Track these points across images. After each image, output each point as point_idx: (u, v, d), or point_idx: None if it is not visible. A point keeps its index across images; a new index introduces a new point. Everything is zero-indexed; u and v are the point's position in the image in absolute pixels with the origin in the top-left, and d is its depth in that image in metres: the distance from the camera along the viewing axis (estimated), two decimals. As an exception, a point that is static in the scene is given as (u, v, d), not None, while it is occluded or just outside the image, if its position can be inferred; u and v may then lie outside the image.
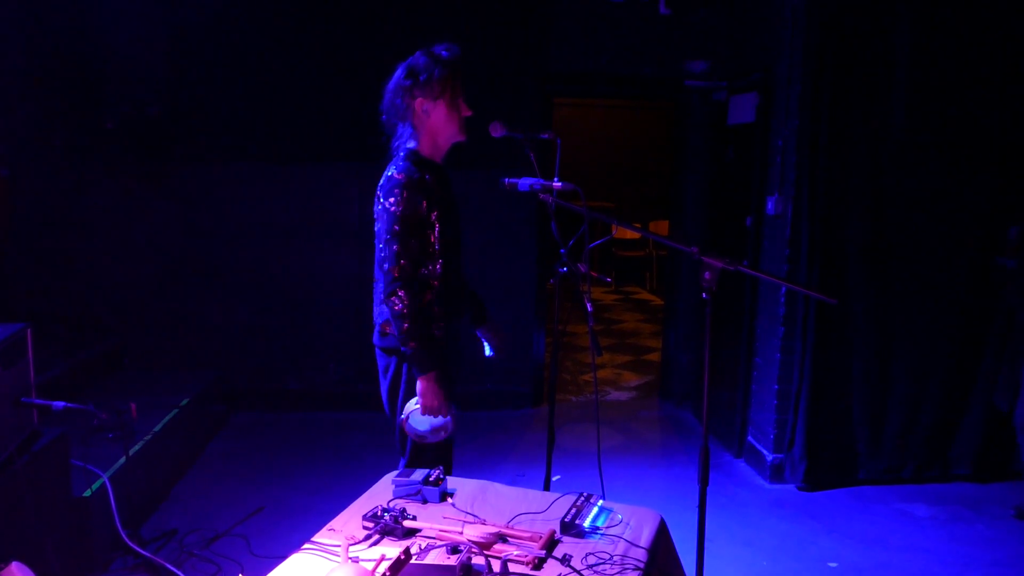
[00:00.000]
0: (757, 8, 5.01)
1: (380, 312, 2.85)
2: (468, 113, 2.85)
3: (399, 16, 5.41)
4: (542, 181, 2.75)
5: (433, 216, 2.76)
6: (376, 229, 2.77)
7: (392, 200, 2.70)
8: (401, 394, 2.85)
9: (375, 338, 2.90)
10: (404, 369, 2.84)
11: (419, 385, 2.73)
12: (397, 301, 2.68)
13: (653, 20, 5.62)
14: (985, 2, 4.34)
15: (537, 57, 5.60)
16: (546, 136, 2.84)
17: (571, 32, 5.62)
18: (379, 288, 2.80)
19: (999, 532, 4.12)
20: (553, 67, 5.65)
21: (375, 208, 2.77)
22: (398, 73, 2.83)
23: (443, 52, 2.79)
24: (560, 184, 2.72)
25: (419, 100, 2.78)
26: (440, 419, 2.76)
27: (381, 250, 2.73)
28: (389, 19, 5.41)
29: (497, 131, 2.81)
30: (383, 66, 2.89)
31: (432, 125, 2.82)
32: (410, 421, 2.77)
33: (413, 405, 2.76)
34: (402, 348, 2.73)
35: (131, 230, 5.54)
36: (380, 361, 2.93)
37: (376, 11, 5.43)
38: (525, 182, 2.78)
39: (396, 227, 2.69)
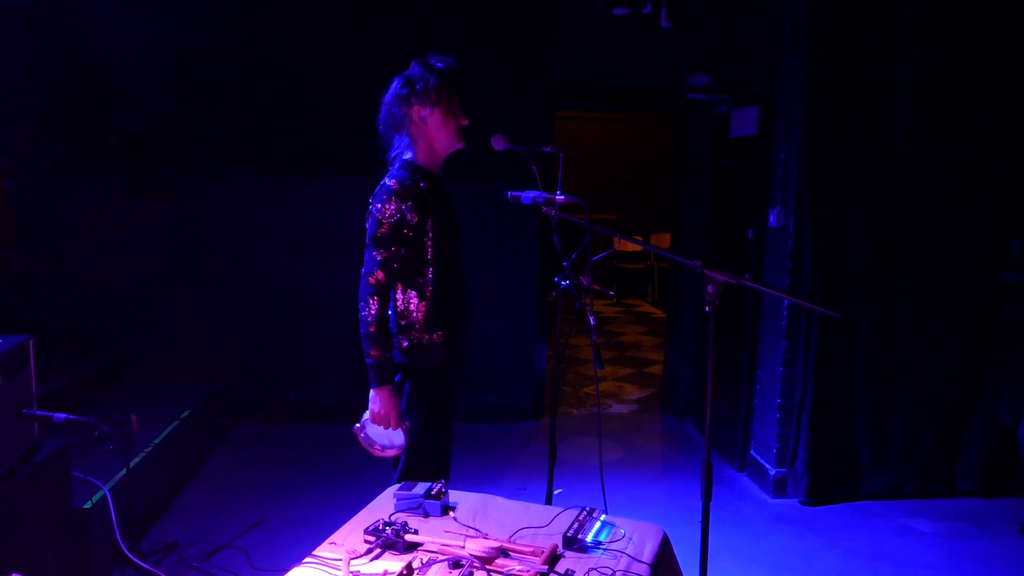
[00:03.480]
0: (758, 22, 5.02)
1: None
2: (465, 122, 2.88)
3: (401, 31, 5.44)
4: (544, 194, 2.76)
5: (428, 224, 2.78)
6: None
7: (380, 206, 2.74)
8: (401, 408, 2.86)
9: None
10: (407, 386, 2.86)
11: (372, 394, 2.79)
12: (365, 307, 2.75)
13: (655, 34, 5.64)
14: (987, 16, 4.34)
15: (539, 70, 5.62)
16: (548, 149, 2.85)
17: (573, 45, 5.64)
18: None
19: (1003, 548, 4.10)
20: (555, 80, 5.67)
21: (366, 214, 2.81)
22: (394, 84, 2.87)
23: (438, 62, 2.83)
24: (563, 197, 2.72)
25: (416, 108, 2.82)
26: (392, 432, 2.82)
27: (365, 255, 2.78)
28: (391, 33, 5.43)
29: (499, 144, 2.82)
30: (384, 80, 2.91)
31: (429, 133, 2.85)
32: (365, 431, 2.85)
33: (366, 414, 2.83)
34: (364, 354, 2.78)
35: (133, 242, 5.55)
36: None
37: (378, 25, 5.45)
38: (528, 195, 2.78)
39: (380, 232, 2.74)
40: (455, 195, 3.02)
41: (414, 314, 2.81)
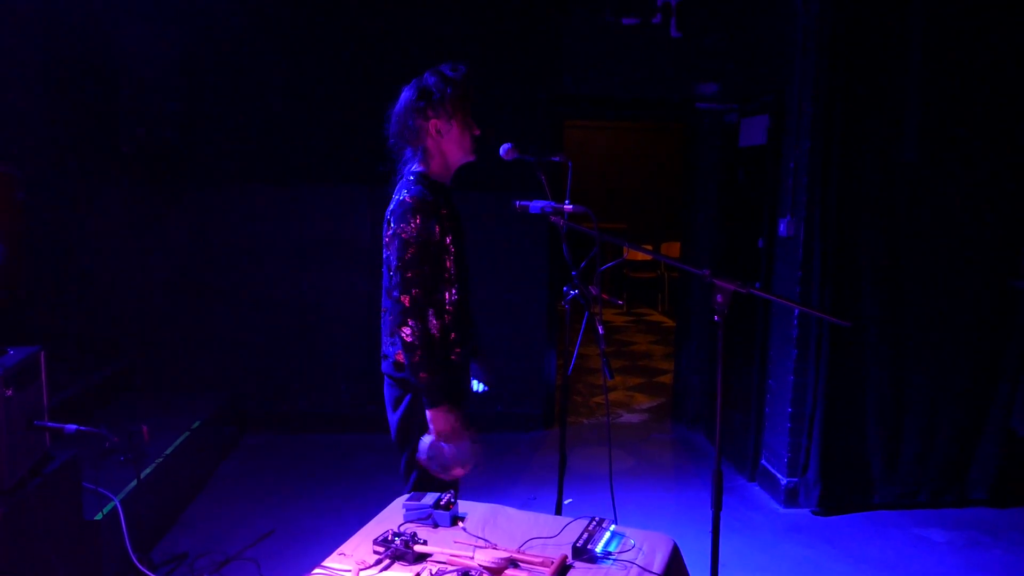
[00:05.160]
0: (768, 30, 5.02)
1: (392, 343, 2.75)
2: (477, 132, 2.83)
3: (411, 40, 5.46)
4: (553, 203, 2.75)
5: (447, 240, 2.72)
6: (386, 256, 2.70)
7: (404, 225, 2.62)
8: (416, 430, 2.75)
9: (387, 367, 2.80)
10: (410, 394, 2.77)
11: (431, 416, 2.64)
12: (408, 331, 2.60)
13: (664, 43, 5.66)
14: (997, 25, 4.33)
15: (548, 80, 5.64)
16: (557, 158, 2.84)
17: (582, 55, 5.65)
18: (387, 319, 2.73)
19: (1018, 558, 4.06)
20: (564, 89, 5.68)
21: (385, 233, 2.70)
22: (406, 95, 2.79)
23: (452, 72, 2.76)
24: (571, 207, 2.71)
25: (433, 121, 2.74)
26: (460, 449, 2.69)
27: (391, 278, 2.66)
28: (401, 43, 5.46)
29: (508, 154, 2.81)
30: (395, 89, 2.90)
31: (445, 146, 2.78)
32: (429, 456, 2.68)
33: (428, 439, 2.68)
34: (412, 379, 2.65)
35: (144, 252, 5.59)
36: (392, 392, 2.82)
37: (388, 35, 5.48)
38: (536, 204, 2.78)
39: (408, 254, 2.61)
40: (464, 204, 3.02)
41: (431, 332, 2.71)
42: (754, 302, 4.92)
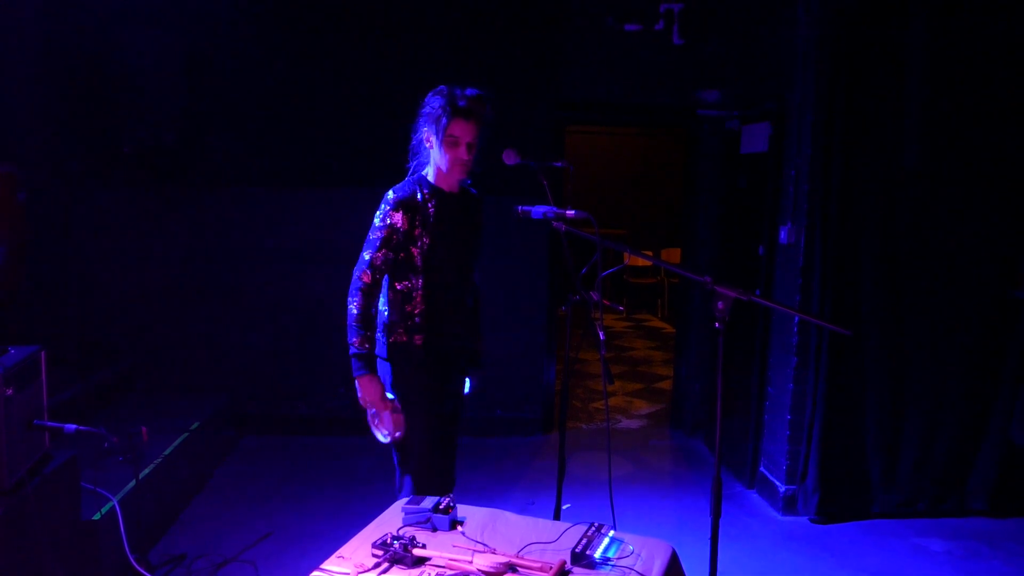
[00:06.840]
0: (769, 38, 5.03)
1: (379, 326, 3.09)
2: (464, 157, 2.94)
3: (414, 45, 5.46)
4: (555, 209, 2.77)
5: (416, 234, 2.91)
6: None
7: (379, 213, 2.94)
8: (392, 397, 3.06)
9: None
10: (387, 370, 3.05)
11: (355, 383, 2.98)
12: (352, 302, 2.92)
13: (666, 49, 5.66)
14: (1000, 33, 4.34)
15: (550, 85, 5.64)
16: (559, 164, 2.90)
17: (584, 61, 5.66)
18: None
19: (1016, 569, 4.06)
20: (566, 95, 5.69)
21: None
22: None
23: (448, 92, 2.92)
24: (573, 212, 2.73)
25: (424, 131, 2.99)
26: (383, 419, 3.02)
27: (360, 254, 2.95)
28: (404, 48, 5.46)
29: (510, 159, 2.84)
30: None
31: (434, 156, 2.98)
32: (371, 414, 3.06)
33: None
34: (349, 347, 2.95)
35: (145, 254, 5.59)
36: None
37: (391, 40, 5.48)
38: (538, 210, 2.79)
39: (371, 236, 2.94)
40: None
41: (397, 314, 2.99)
42: (754, 309, 4.93)
